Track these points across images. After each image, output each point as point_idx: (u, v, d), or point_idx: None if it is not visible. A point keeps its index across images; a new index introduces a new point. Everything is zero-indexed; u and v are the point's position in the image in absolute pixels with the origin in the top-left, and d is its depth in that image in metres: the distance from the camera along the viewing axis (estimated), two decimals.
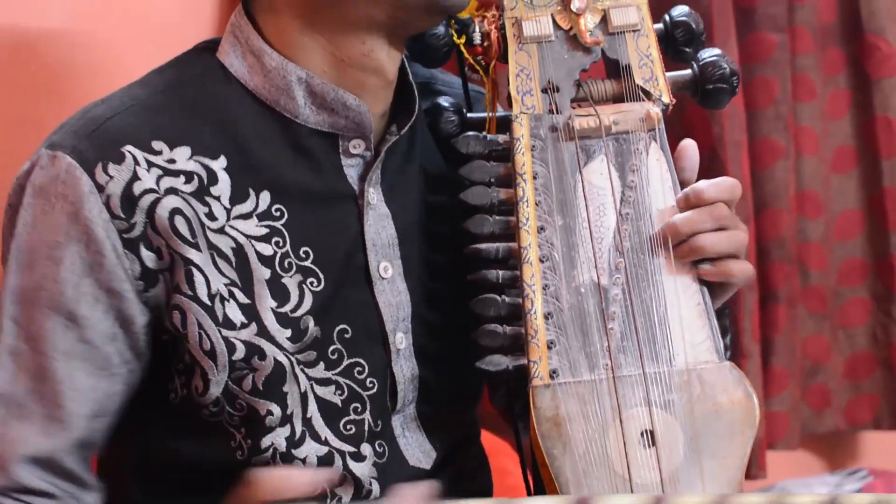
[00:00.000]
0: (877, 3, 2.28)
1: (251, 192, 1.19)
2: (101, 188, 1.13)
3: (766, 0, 2.18)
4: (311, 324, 1.19)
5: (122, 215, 1.13)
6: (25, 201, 1.16)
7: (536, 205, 1.19)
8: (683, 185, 1.23)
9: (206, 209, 1.16)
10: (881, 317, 2.36)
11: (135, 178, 1.14)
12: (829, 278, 2.33)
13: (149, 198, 1.14)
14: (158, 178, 1.15)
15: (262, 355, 1.17)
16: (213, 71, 1.22)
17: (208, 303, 1.16)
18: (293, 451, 1.19)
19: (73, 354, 1.15)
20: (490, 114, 1.26)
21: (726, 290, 1.24)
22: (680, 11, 1.28)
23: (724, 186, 1.21)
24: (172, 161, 1.16)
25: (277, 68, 1.20)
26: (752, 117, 2.19)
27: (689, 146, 1.26)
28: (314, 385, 1.20)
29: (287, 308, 1.18)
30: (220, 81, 1.22)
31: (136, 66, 1.28)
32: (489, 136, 1.22)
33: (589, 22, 1.24)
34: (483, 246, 1.20)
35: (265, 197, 1.19)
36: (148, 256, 1.15)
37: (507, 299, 1.19)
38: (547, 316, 1.17)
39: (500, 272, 1.19)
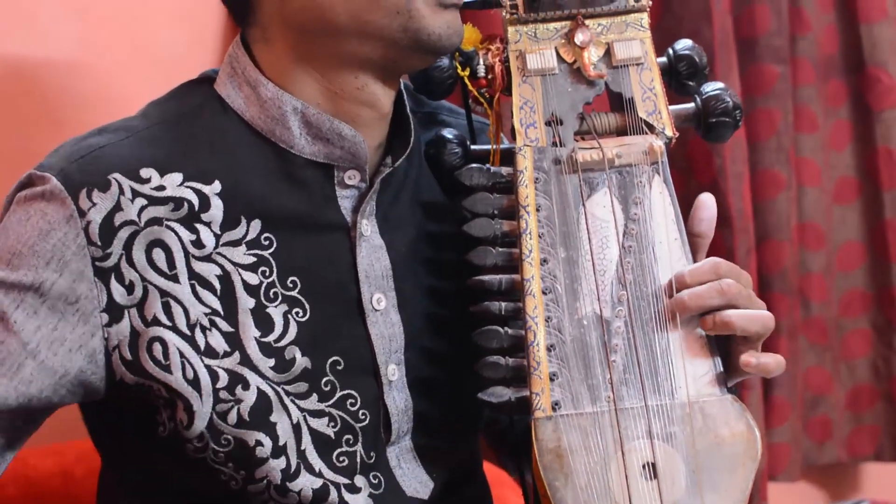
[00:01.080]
0: (878, 36, 2.29)
1: (243, 219, 1.19)
2: (82, 213, 1.14)
3: (768, 32, 2.19)
4: (299, 354, 1.19)
5: (99, 243, 1.14)
6: (10, 210, 1.17)
7: (539, 237, 1.19)
8: (699, 237, 1.23)
9: (193, 236, 1.17)
10: (882, 348, 2.35)
11: (117, 207, 1.14)
12: (830, 310, 2.32)
13: (128, 229, 1.15)
14: (141, 209, 1.15)
15: (246, 385, 1.17)
16: (211, 102, 1.23)
17: (188, 332, 1.16)
18: (288, 483, 1.19)
19: None
20: (494, 146, 1.26)
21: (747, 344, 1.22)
22: (683, 45, 1.28)
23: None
24: (161, 188, 1.16)
25: (273, 99, 1.20)
26: (754, 148, 2.19)
27: (707, 200, 1.25)
28: (307, 416, 1.19)
29: (271, 338, 1.18)
30: (217, 112, 1.22)
31: (139, 96, 1.28)
32: (493, 168, 1.23)
33: (593, 55, 1.24)
34: (486, 277, 1.20)
35: (256, 225, 1.19)
36: (117, 290, 1.15)
37: (509, 331, 1.19)
38: (549, 348, 1.17)
39: (503, 304, 1.19)
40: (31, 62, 1.44)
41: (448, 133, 1.27)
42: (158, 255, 1.16)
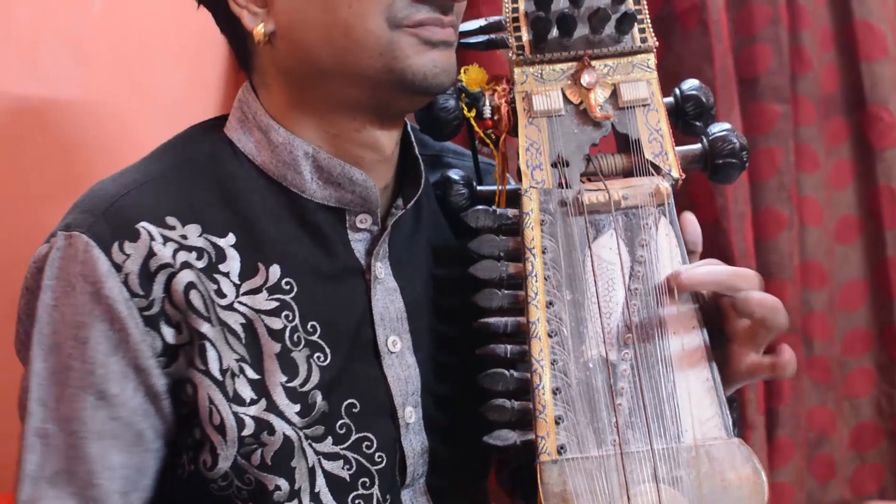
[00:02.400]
0: (879, 74, 2.28)
1: (261, 266, 1.19)
2: (118, 267, 1.13)
3: (769, 71, 2.19)
4: (319, 398, 1.19)
5: (141, 292, 1.13)
6: (45, 283, 1.15)
7: (545, 279, 1.19)
8: (690, 256, 1.23)
9: (215, 286, 1.16)
10: (886, 387, 2.34)
11: (151, 253, 1.14)
12: (833, 348, 2.31)
13: (165, 272, 1.14)
14: (175, 252, 1.15)
15: (272, 430, 1.16)
16: (222, 147, 1.23)
17: (220, 378, 1.16)
18: None
19: (105, 433, 1.15)
20: (500, 187, 1.26)
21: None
22: (690, 85, 1.28)
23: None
24: (185, 237, 1.16)
25: (284, 143, 1.20)
26: (756, 188, 2.19)
27: (688, 218, 1.25)
28: (322, 459, 1.19)
29: (296, 383, 1.18)
30: (228, 158, 1.22)
31: (143, 138, 1.28)
32: (499, 210, 1.23)
33: (599, 96, 1.24)
34: (492, 320, 1.20)
35: (275, 270, 1.19)
36: (168, 332, 1.15)
37: (515, 374, 1.18)
38: (555, 391, 1.16)
39: (509, 346, 1.19)
40: (33, 103, 1.44)
41: (454, 174, 1.27)
42: (195, 297, 1.15)
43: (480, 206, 1.23)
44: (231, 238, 1.18)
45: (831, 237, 2.31)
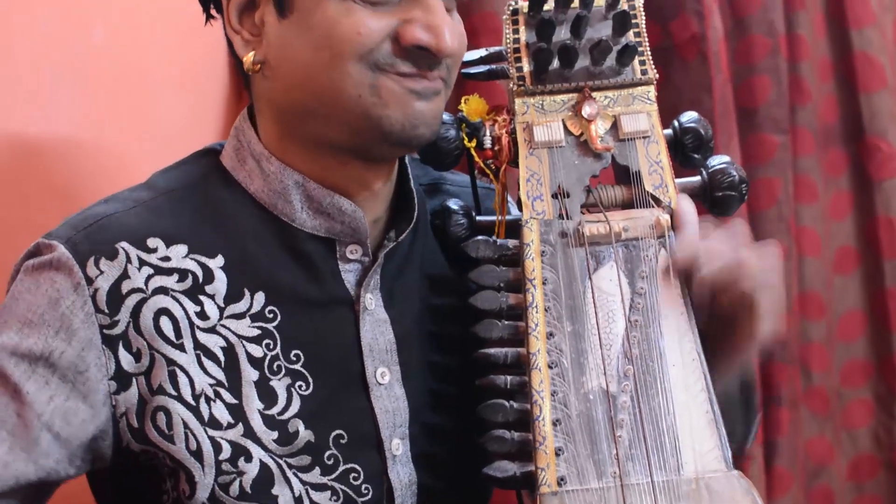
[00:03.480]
0: (877, 105, 2.29)
1: (246, 292, 1.19)
2: (90, 281, 1.14)
3: (768, 102, 2.19)
4: (302, 427, 1.18)
5: (107, 310, 1.14)
6: (17, 279, 1.17)
7: (546, 310, 1.19)
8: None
9: (197, 308, 1.17)
10: (884, 418, 2.34)
11: (124, 275, 1.15)
12: (831, 380, 2.31)
13: (135, 297, 1.15)
14: (148, 278, 1.15)
15: (249, 457, 1.16)
16: (216, 174, 1.24)
17: (192, 402, 1.15)
18: None
19: (3, 424, 1.13)
20: (500, 217, 1.26)
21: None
22: (689, 118, 1.28)
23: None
24: (167, 259, 1.17)
25: (276, 172, 1.21)
26: (755, 218, 2.18)
27: (684, 200, 1.24)
28: (309, 490, 1.18)
29: (274, 410, 1.18)
30: (221, 184, 1.23)
31: (144, 170, 1.28)
32: (499, 241, 1.23)
33: (600, 128, 1.24)
34: (492, 351, 1.19)
35: (259, 298, 1.19)
36: (125, 357, 1.15)
37: (515, 405, 1.18)
38: (555, 422, 1.16)
39: (509, 378, 1.19)
40: (33, 136, 1.44)
41: (453, 204, 1.27)
42: (166, 324, 1.15)
43: (481, 237, 1.23)
44: (220, 259, 1.19)
45: (830, 268, 2.31)
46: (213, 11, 1.25)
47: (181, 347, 1.16)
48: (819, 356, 2.28)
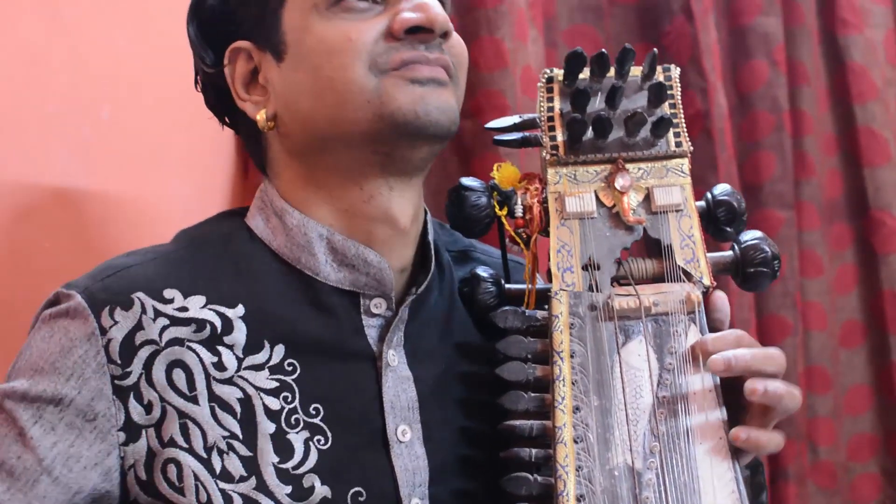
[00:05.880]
0: (882, 179, 2.30)
1: (266, 343, 1.19)
2: (103, 331, 1.14)
3: (773, 177, 2.20)
4: (318, 482, 1.17)
5: (119, 361, 1.14)
6: (35, 327, 1.18)
7: (573, 384, 1.17)
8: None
9: (215, 358, 1.16)
10: (892, 492, 2.32)
11: (139, 326, 1.15)
12: (838, 454, 2.29)
13: (148, 349, 1.15)
14: (163, 329, 1.16)
15: None
16: (239, 231, 1.25)
17: (204, 455, 1.15)
18: None
19: (2, 465, 1.14)
20: (529, 286, 1.24)
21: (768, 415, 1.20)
22: (722, 190, 1.27)
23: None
24: (184, 309, 1.17)
25: (299, 226, 1.22)
26: (760, 294, 2.18)
27: (720, 298, 1.25)
28: None
29: (289, 464, 1.17)
30: (244, 240, 1.24)
31: (138, 244, 1.28)
32: (527, 312, 1.21)
33: (632, 200, 1.23)
34: (517, 423, 1.18)
35: (279, 350, 1.19)
36: (135, 409, 1.15)
37: (539, 478, 1.16)
38: (579, 498, 1.14)
39: (533, 451, 1.17)
40: (43, 210, 1.43)
41: (483, 271, 1.26)
42: (178, 376, 1.15)
43: (509, 307, 1.21)
44: (240, 309, 1.19)
45: (836, 342, 2.31)
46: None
47: (194, 400, 1.15)
48: (826, 430, 2.27)
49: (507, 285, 1.26)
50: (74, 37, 1.49)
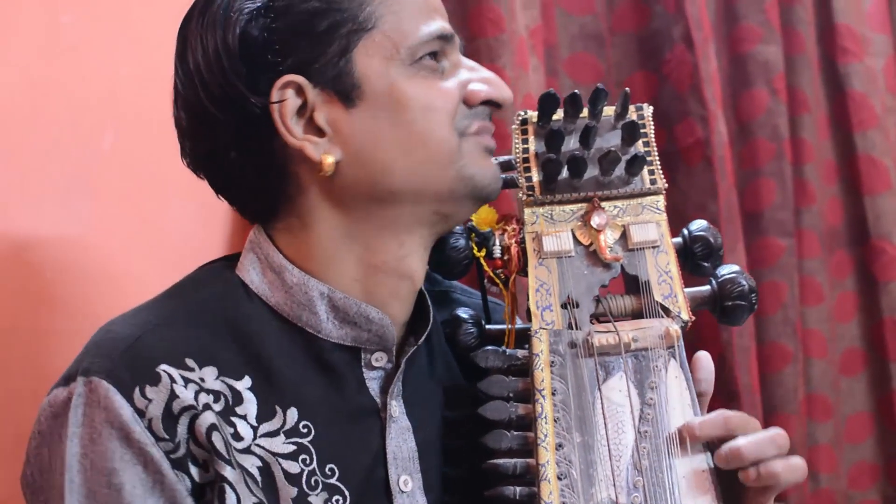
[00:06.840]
0: (882, 207, 2.30)
1: (278, 409, 1.18)
2: (141, 413, 1.11)
3: (773, 205, 2.20)
4: None
5: (166, 436, 1.12)
6: (70, 431, 1.13)
7: (555, 421, 1.18)
8: (700, 396, 1.22)
9: (231, 429, 1.15)
10: None
11: (173, 396, 1.13)
12: (839, 482, 2.28)
13: (188, 414, 1.13)
14: (196, 394, 1.14)
15: None
16: (234, 288, 1.23)
17: None
18: None
19: None
20: (509, 326, 1.25)
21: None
22: (698, 226, 1.28)
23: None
24: (203, 379, 1.15)
25: (299, 284, 1.20)
26: (761, 322, 2.18)
27: (704, 358, 1.25)
28: None
29: None
30: (241, 299, 1.22)
31: (151, 275, 1.28)
32: (508, 351, 1.22)
33: (609, 238, 1.24)
34: (500, 461, 1.18)
35: (293, 414, 1.18)
36: (196, 472, 1.14)
37: None
38: None
39: (518, 489, 1.17)
40: (41, 240, 1.43)
41: (463, 313, 1.27)
42: (217, 439, 1.14)
43: (490, 347, 1.22)
44: (247, 381, 1.17)
45: (836, 369, 2.31)
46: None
47: (230, 463, 1.14)
48: (826, 458, 2.26)
49: (488, 326, 1.27)
50: (74, 62, 1.49)
